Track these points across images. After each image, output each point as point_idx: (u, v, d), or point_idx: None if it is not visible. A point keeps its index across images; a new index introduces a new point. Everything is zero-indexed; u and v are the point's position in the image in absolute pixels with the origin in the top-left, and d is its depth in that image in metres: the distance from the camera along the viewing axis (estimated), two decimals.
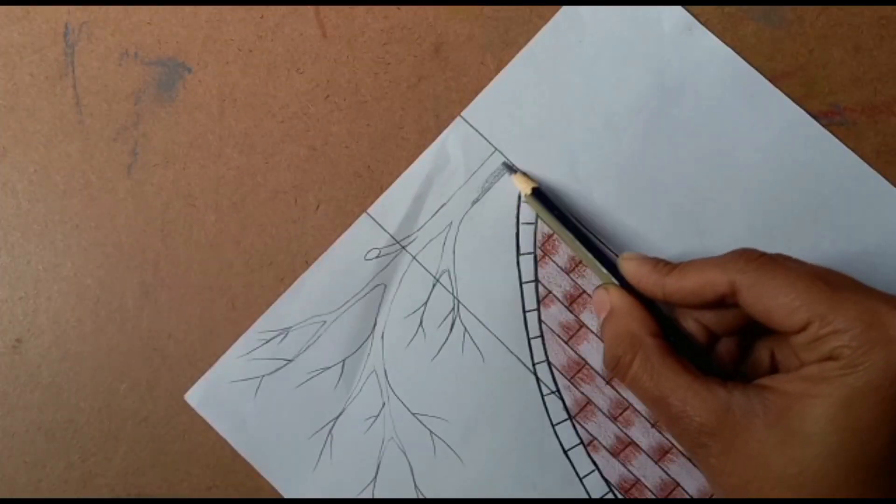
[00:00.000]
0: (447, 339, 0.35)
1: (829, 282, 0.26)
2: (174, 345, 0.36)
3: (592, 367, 0.35)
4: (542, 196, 0.34)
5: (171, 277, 0.36)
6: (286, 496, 0.35)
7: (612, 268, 0.32)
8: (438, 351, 0.35)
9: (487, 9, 0.36)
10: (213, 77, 0.37)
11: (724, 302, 0.29)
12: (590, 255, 0.32)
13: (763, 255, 0.28)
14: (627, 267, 0.31)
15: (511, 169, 0.35)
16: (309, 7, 0.37)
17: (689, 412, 0.27)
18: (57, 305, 0.36)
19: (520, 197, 0.36)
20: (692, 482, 0.34)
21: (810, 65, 0.35)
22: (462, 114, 0.36)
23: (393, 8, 0.37)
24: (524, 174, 0.35)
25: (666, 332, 0.30)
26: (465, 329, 0.35)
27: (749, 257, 0.28)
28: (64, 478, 0.36)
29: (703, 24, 0.36)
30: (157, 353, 0.36)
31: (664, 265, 0.30)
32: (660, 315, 0.31)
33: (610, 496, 0.35)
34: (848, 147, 0.35)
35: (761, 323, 0.28)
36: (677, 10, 0.36)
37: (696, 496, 0.34)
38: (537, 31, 0.36)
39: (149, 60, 0.37)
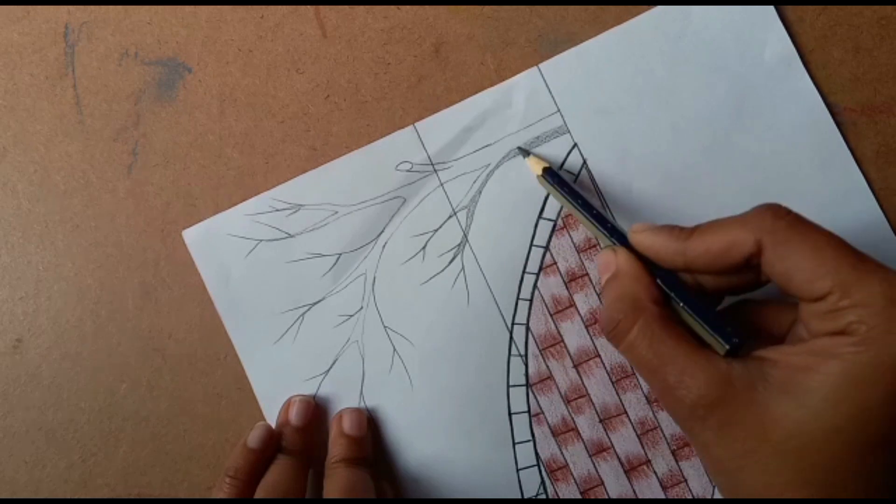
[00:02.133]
0: (443, 270, 0.35)
1: (855, 252, 0.25)
2: (174, 345, 0.36)
3: (566, 347, 0.35)
4: (554, 174, 0.34)
5: (171, 277, 0.36)
6: (243, 359, 0.35)
7: (625, 242, 0.30)
8: (430, 278, 0.36)
9: (487, 9, 0.36)
10: (213, 77, 0.37)
11: (749, 264, 0.27)
12: (602, 230, 0.31)
13: (791, 212, 0.26)
14: (641, 239, 0.29)
15: (525, 152, 0.35)
16: (309, 7, 0.37)
17: (686, 383, 0.26)
18: (57, 305, 0.36)
19: (561, 164, 0.35)
20: (616, 484, 0.35)
21: (810, 65, 0.35)
22: (539, 65, 0.36)
23: (393, 8, 0.37)
24: (537, 156, 0.35)
25: (666, 302, 0.29)
26: (463, 267, 0.35)
27: (777, 214, 0.26)
28: (64, 478, 0.36)
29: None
30: (157, 353, 0.36)
31: (680, 230, 0.28)
32: (662, 285, 0.29)
33: (535, 470, 0.35)
34: (848, 147, 0.35)
35: (778, 285, 0.26)
36: (784, 41, 0.35)
37: (614, 497, 0.35)
38: (537, 32, 0.36)
39: (149, 60, 0.37)
